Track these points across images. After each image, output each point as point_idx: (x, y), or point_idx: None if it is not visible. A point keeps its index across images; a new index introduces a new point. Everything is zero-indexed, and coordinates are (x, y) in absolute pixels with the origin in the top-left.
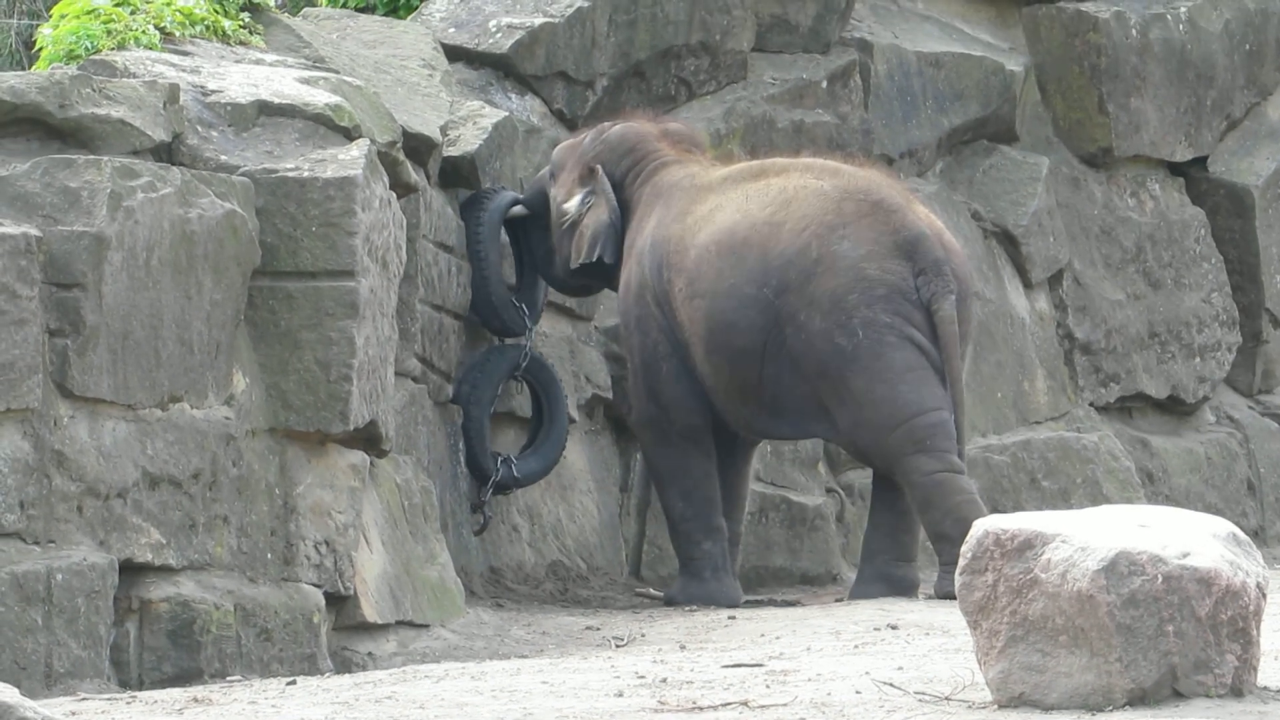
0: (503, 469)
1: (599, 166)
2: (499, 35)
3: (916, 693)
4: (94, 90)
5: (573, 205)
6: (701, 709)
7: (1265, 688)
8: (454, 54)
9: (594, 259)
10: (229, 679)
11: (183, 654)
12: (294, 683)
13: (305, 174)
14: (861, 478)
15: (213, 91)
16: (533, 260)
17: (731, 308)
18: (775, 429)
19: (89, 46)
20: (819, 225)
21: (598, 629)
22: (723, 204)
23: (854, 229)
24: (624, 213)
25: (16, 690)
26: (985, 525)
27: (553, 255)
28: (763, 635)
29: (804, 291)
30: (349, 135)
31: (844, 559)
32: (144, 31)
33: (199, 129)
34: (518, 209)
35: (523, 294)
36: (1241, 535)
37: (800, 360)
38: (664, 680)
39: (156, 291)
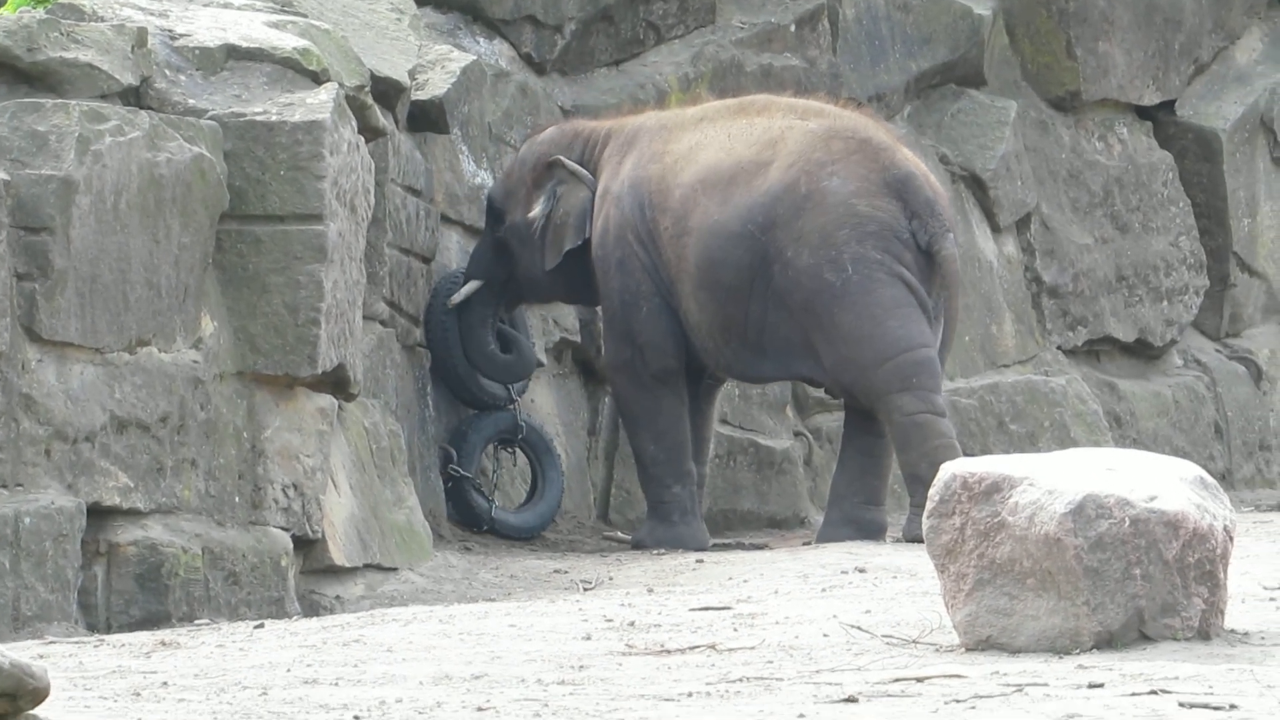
0: (498, 514)
1: (558, 156)
2: None
3: (884, 636)
4: (62, 34)
5: (539, 208)
6: (669, 652)
7: (1232, 630)
8: None
9: (585, 238)
10: (197, 622)
11: (150, 597)
12: (262, 626)
13: (273, 118)
14: (829, 421)
15: (181, 35)
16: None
17: (719, 245)
18: (758, 369)
19: None
20: (807, 162)
21: (565, 572)
22: (704, 142)
23: (843, 166)
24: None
25: None
26: (953, 468)
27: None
28: (730, 579)
29: (792, 227)
30: (317, 79)
31: (812, 502)
32: None
33: (167, 73)
34: (469, 286)
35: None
36: (1209, 479)
37: (787, 296)
38: (632, 624)
39: (124, 235)
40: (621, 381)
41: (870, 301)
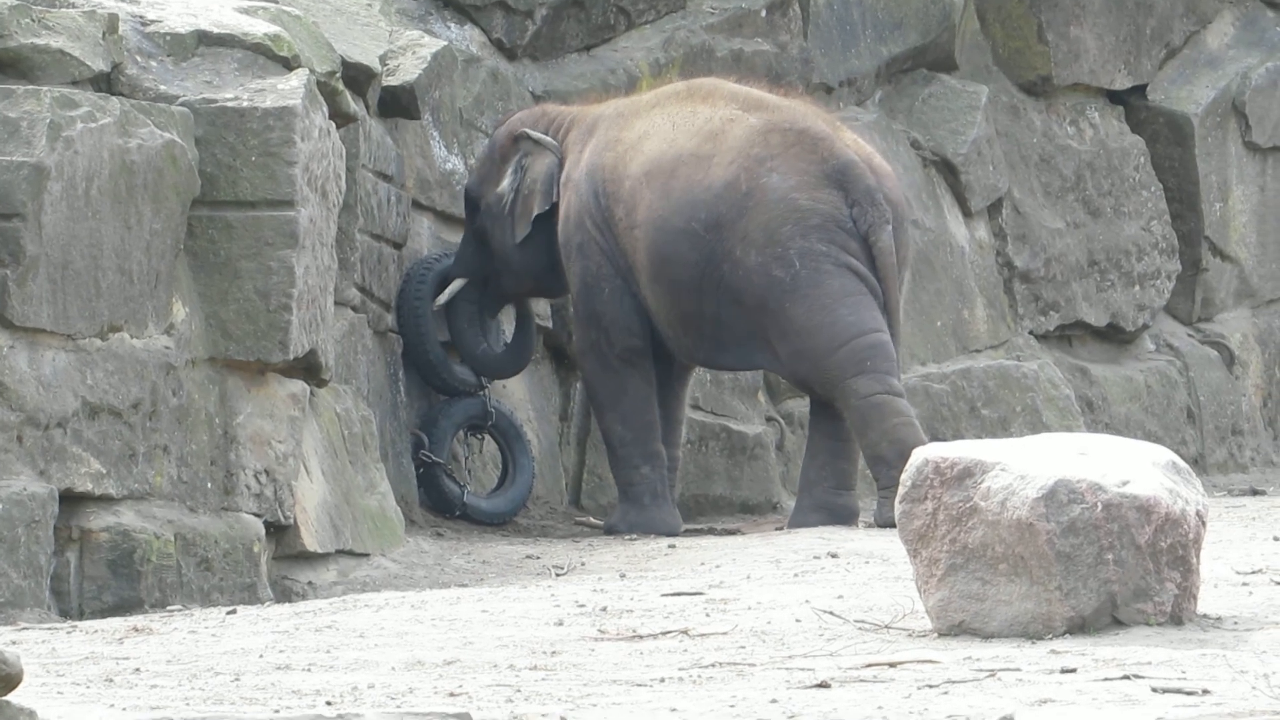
0: (470, 499)
1: (523, 129)
2: None
3: (856, 621)
4: (33, 20)
5: (507, 181)
6: (641, 637)
7: (1205, 615)
8: None
9: (551, 204)
10: (169, 608)
11: (123, 583)
12: (234, 612)
13: (244, 104)
14: (801, 406)
15: (152, 21)
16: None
17: (665, 240)
18: (719, 359)
19: None
20: (747, 159)
21: (538, 558)
22: (650, 131)
23: (781, 161)
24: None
25: None
26: (925, 454)
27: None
28: (702, 564)
29: (737, 227)
30: (288, 65)
31: (784, 487)
32: None
33: (138, 59)
34: (455, 285)
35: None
36: (1181, 463)
37: (740, 295)
38: (604, 609)
39: (96, 221)
40: (588, 364)
41: (820, 293)
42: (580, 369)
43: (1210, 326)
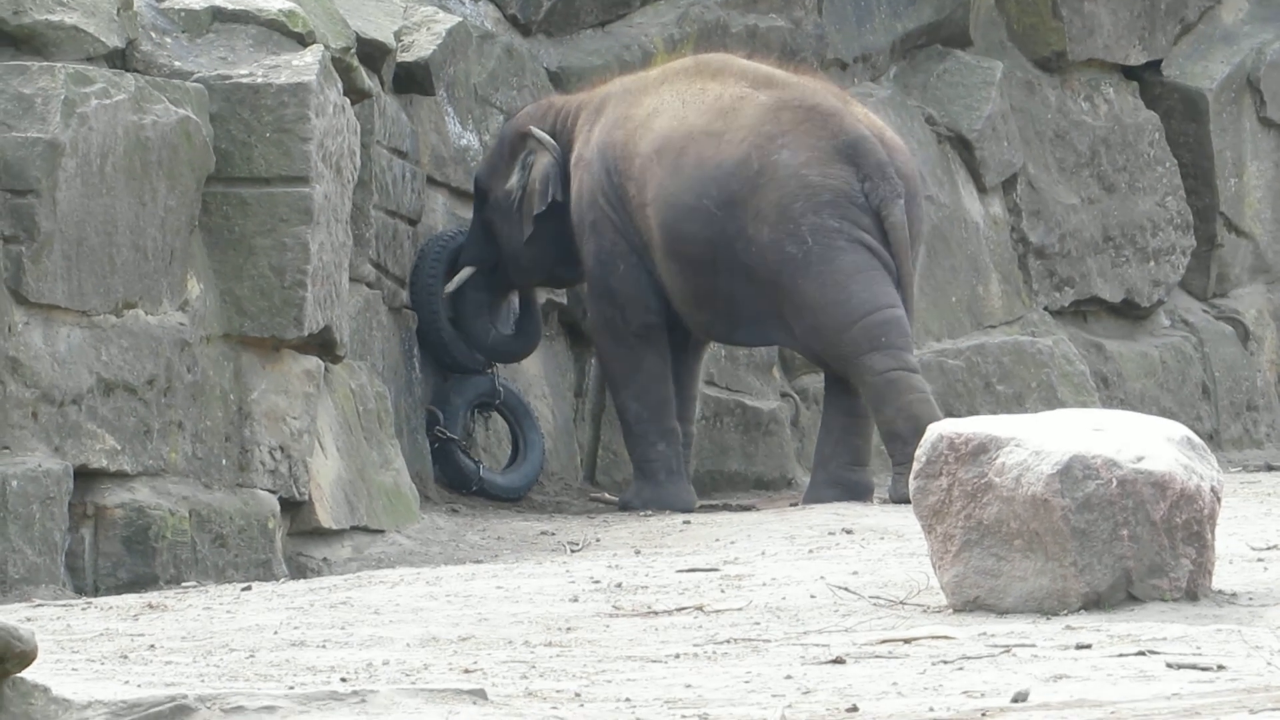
0: (486, 475)
1: (528, 127)
2: None
3: (871, 597)
4: None
5: (514, 179)
6: (656, 613)
7: (1220, 591)
8: None
9: (548, 203)
10: (184, 585)
11: (138, 560)
12: (249, 588)
13: (259, 80)
14: (816, 382)
15: None
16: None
17: (677, 218)
18: (734, 335)
19: None
20: (758, 136)
21: (553, 534)
22: (659, 108)
23: (792, 137)
24: (566, 153)
25: None
26: (939, 429)
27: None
28: (717, 540)
29: (749, 204)
30: (302, 41)
31: (799, 464)
32: None
33: (153, 35)
34: (463, 273)
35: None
36: (1196, 439)
37: (752, 272)
38: (619, 585)
39: (111, 198)
40: (604, 341)
41: (833, 269)
42: (595, 346)
43: (1225, 302)
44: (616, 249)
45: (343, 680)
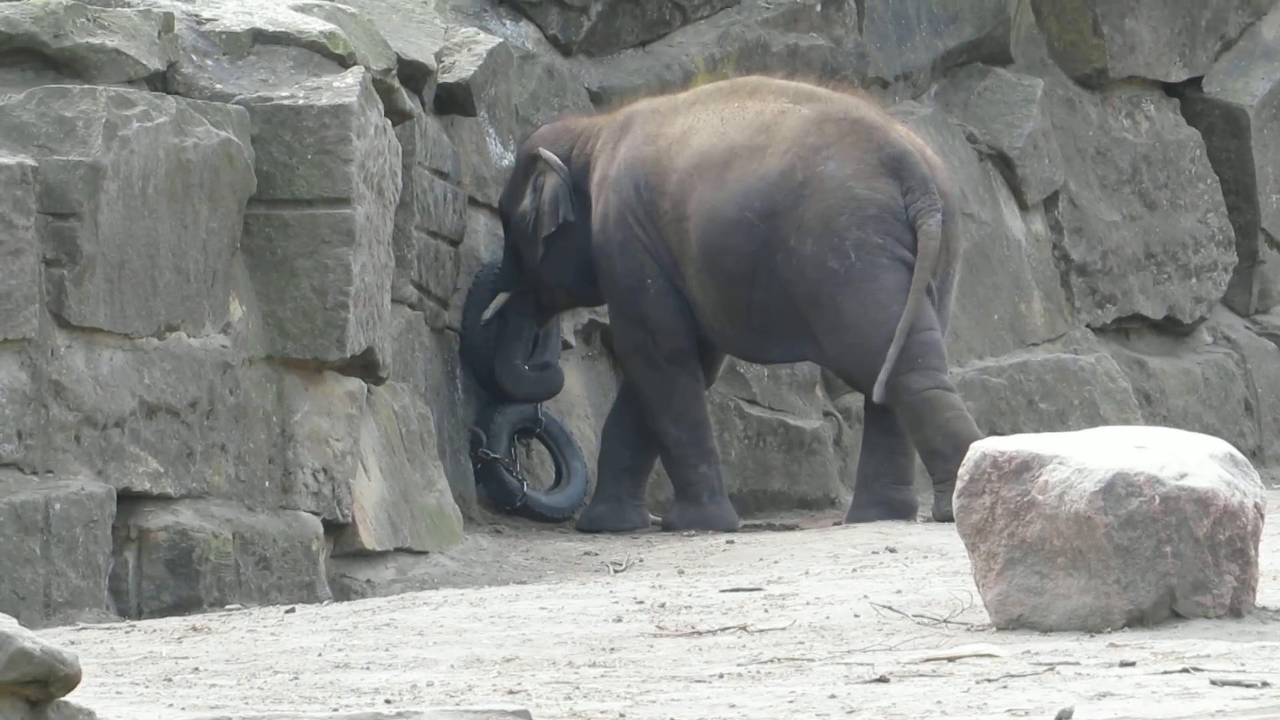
0: (530, 493)
1: (538, 149)
2: None
3: (915, 615)
4: (88, 20)
5: (526, 202)
6: (700, 633)
7: (1264, 608)
8: None
9: (559, 223)
10: (228, 607)
11: (181, 583)
12: (293, 610)
13: (300, 102)
14: (858, 401)
15: (207, 20)
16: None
17: (718, 231)
18: (764, 352)
19: None
20: (802, 147)
21: (596, 554)
22: (696, 126)
23: (838, 149)
24: (585, 173)
25: (15, 620)
26: (982, 447)
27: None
28: (761, 560)
29: (792, 215)
30: (344, 63)
31: (842, 483)
32: None
33: (194, 57)
34: (498, 300)
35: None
36: (1239, 456)
37: (792, 285)
38: (662, 605)
39: (152, 220)
40: (636, 366)
41: (875, 288)
42: (626, 371)
43: (1267, 318)
44: (646, 270)
45: (387, 702)
